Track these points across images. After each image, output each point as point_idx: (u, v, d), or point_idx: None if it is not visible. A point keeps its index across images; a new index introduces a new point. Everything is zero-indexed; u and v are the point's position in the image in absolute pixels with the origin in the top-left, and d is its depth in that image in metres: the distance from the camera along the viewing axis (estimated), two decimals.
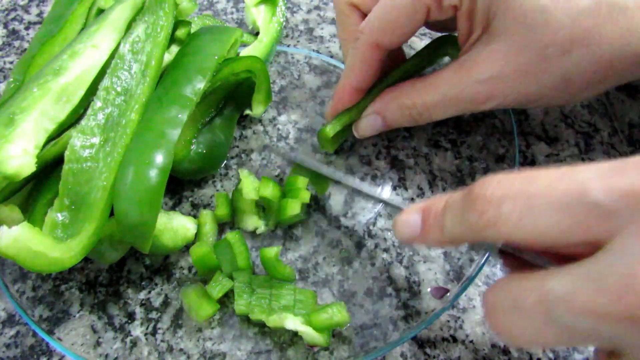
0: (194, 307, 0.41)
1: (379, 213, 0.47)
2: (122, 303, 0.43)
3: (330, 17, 0.62)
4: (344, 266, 0.44)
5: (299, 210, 0.44)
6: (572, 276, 0.23)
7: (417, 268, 0.44)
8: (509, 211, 0.25)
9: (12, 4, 0.66)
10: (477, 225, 0.27)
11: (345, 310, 0.40)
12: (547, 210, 0.24)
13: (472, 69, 0.40)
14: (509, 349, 0.41)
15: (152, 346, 0.41)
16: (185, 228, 0.43)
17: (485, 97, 0.40)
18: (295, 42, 0.60)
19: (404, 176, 0.49)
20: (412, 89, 0.44)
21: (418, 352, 0.41)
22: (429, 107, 0.43)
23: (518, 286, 0.26)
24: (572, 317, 0.23)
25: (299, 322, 0.39)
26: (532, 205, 0.25)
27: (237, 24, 0.61)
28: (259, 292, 0.42)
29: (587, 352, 0.40)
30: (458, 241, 0.30)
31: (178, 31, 0.48)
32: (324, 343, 0.39)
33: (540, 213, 0.24)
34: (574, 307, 0.23)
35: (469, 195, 0.28)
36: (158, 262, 0.45)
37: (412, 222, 0.32)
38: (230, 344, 0.41)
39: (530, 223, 0.25)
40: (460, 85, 0.40)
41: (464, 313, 0.43)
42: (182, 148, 0.46)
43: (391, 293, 0.43)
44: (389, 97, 0.45)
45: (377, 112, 0.46)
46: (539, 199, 0.24)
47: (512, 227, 0.25)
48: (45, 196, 0.40)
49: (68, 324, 0.42)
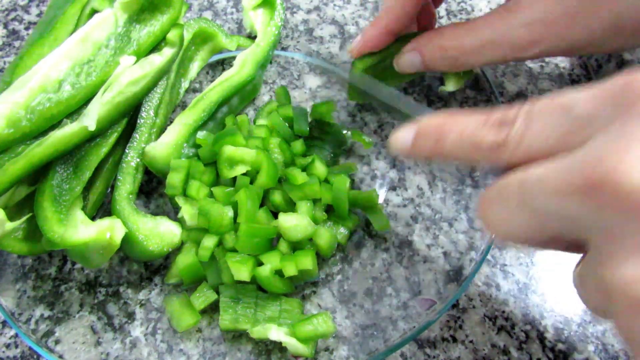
0: (175, 317, 0.41)
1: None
2: (122, 303, 0.43)
3: (330, 17, 0.62)
4: (344, 266, 0.44)
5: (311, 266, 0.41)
6: (549, 163, 0.24)
7: (417, 268, 0.44)
8: (536, 127, 0.26)
9: (12, 4, 0.66)
10: (494, 144, 0.27)
11: (330, 321, 0.39)
12: (547, 119, 0.26)
13: (518, 11, 0.39)
14: (508, 348, 0.41)
15: (152, 346, 0.41)
16: (172, 233, 0.43)
17: (529, 41, 0.39)
18: (295, 42, 0.59)
19: (403, 176, 0.49)
20: (453, 31, 0.43)
21: (418, 352, 0.41)
22: (466, 51, 0.42)
23: (505, 179, 0.27)
24: (544, 197, 0.24)
25: (282, 332, 0.38)
26: (540, 114, 0.26)
27: (237, 24, 0.61)
28: (244, 301, 0.41)
29: (587, 352, 0.40)
30: (454, 159, 0.31)
31: (170, 33, 0.48)
32: (309, 354, 0.39)
33: (541, 122, 0.26)
34: (546, 187, 0.24)
35: (491, 116, 0.28)
36: (158, 262, 0.45)
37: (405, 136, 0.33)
38: (230, 344, 0.41)
39: (537, 131, 0.26)
40: (503, 29, 0.39)
41: (464, 313, 0.43)
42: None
43: (391, 293, 0.43)
44: (430, 36, 0.44)
45: (417, 49, 0.45)
46: (541, 110, 0.27)
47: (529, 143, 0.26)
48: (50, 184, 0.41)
49: (68, 324, 0.42)
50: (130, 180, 0.45)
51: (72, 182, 0.42)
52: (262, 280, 0.39)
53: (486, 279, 0.44)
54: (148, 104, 0.48)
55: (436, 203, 0.47)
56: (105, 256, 0.41)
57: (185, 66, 0.54)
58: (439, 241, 0.45)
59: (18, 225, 0.39)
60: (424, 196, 0.48)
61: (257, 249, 0.40)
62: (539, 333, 0.41)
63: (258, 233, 0.40)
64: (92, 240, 0.39)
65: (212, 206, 0.41)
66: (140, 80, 0.45)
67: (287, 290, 0.41)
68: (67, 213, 0.40)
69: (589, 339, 0.41)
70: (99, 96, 0.42)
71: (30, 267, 0.45)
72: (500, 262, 0.45)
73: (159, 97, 0.49)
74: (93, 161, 0.43)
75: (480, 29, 0.41)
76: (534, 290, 0.43)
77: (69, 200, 0.41)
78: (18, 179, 0.39)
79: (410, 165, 0.50)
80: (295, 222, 0.40)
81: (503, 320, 0.42)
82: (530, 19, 0.39)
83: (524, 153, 0.26)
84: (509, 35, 0.40)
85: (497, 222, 0.28)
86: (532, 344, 0.41)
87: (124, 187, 0.44)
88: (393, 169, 0.50)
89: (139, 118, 0.47)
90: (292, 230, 0.40)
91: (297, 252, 0.41)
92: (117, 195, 0.44)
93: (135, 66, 0.45)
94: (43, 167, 0.41)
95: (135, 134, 0.47)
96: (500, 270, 0.45)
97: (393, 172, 0.49)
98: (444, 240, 0.45)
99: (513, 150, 0.27)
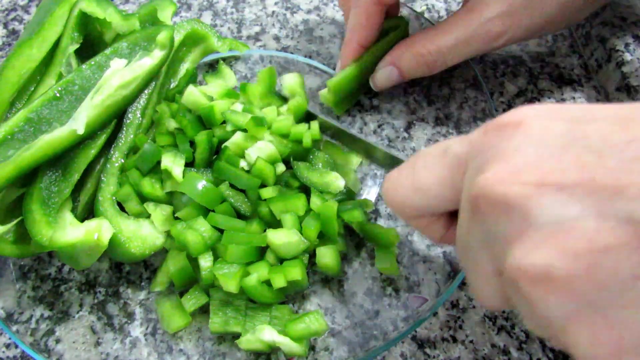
0: (166, 318, 0.41)
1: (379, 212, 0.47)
2: (122, 303, 0.43)
3: (330, 17, 0.62)
4: (344, 266, 0.44)
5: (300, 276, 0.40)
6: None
7: (417, 268, 0.44)
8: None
9: (12, 4, 0.66)
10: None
11: (322, 319, 0.39)
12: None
13: (482, 9, 0.43)
14: (508, 348, 0.41)
15: (151, 346, 0.41)
16: (154, 236, 0.43)
17: (497, 33, 0.44)
18: (295, 42, 0.59)
19: None
20: (425, 37, 0.46)
21: (418, 352, 0.41)
22: (444, 53, 0.45)
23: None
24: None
25: (275, 333, 0.38)
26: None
27: (237, 24, 0.61)
28: (235, 304, 0.40)
29: None
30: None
31: (160, 35, 0.48)
32: (302, 353, 0.39)
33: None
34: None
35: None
36: (158, 262, 0.45)
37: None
38: (230, 344, 0.41)
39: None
40: (472, 26, 0.44)
41: (464, 313, 0.42)
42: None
43: (391, 293, 0.43)
44: (403, 47, 0.47)
45: (392, 63, 0.47)
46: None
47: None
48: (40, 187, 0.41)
49: (68, 324, 0.42)
50: (114, 181, 0.45)
51: (60, 185, 0.42)
52: (249, 290, 0.39)
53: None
54: (135, 105, 0.48)
55: None
56: (92, 257, 0.41)
57: (176, 67, 0.54)
58: None
59: (8, 228, 0.39)
60: None
61: (245, 258, 0.40)
62: None
63: (244, 241, 0.40)
64: (80, 241, 0.39)
65: (185, 235, 0.40)
66: (131, 84, 0.45)
67: (276, 300, 0.41)
68: (56, 215, 0.40)
69: None
70: (88, 100, 0.42)
71: (30, 267, 0.45)
72: None
73: (147, 97, 0.48)
74: (82, 163, 0.43)
75: (451, 29, 0.45)
76: None
77: (58, 203, 0.41)
78: (7, 183, 0.39)
79: None
80: (285, 240, 0.40)
81: (503, 320, 0.42)
82: (495, 13, 0.43)
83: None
84: (479, 31, 0.44)
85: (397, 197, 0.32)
86: (532, 344, 0.41)
87: (108, 188, 0.44)
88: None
89: (125, 118, 0.47)
90: (284, 247, 0.40)
91: (286, 262, 0.41)
92: (100, 196, 0.44)
93: (126, 69, 0.44)
94: (33, 170, 0.40)
95: (120, 134, 0.47)
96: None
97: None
98: None
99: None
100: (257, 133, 0.44)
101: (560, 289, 0.21)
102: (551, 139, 0.23)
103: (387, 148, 0.44)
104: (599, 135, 0.22)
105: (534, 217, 0.22)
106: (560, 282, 0.21)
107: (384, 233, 0.43)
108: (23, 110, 0.41)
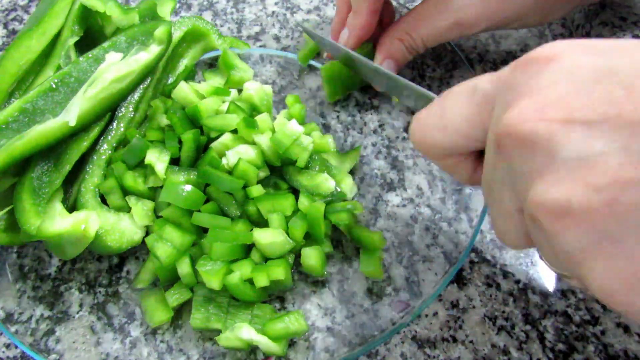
0: (149, 311, 0.41)
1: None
2: (121, 303, 0.43)
3: (330, 17, 0.62)
4: (344, 266, 0.44)
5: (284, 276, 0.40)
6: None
7: (417, 268, 0.44)
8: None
9: (12, 4, 0.66)
10: None
11: (302, 319, 0.39)
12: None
13: None
14: (508, 348, 0.41)
15: (151, 347, 0.41)
16: (132, 231, 0.43)
17: (473, 21, 0.45)
18: (295, 42, 0.59)
19: (403, 176, 0.49)
20: (407, 25, 0.48)
21: (418, 352, 0.41)
22: (424, 39, 0.48)
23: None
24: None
25: (254, 331, 0.38)
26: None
27: (237, 24, 0.61)
28: (217, 300, 0.40)
29: (587, 353, 0.40)
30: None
31: (157, 30, 0.47)
32: (281, 352, 0.39)
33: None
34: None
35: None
36: None
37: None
38: None
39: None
40: (449, 13, 0.45)
41: (464, 313, 0.42)
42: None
43: (391, 293, 0.43)
44: (388, 38, 0.49)
45: (386, 57, 0.49)
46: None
47: None
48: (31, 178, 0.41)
49: (68, 324, 0.42)
50: (99, 173, 0.44)
51: (52, 175, 0.42)
52: (231, 287, 0.39)
53: (486, 279, 0.44)
54: (129, 99, 0.48)
55: (436, 203, 0.47)
56: (79, 248, 0.41)
57: (174, 63, 0.53)
58: (439, 241, 0.45)
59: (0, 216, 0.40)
60: (424, 196, 0.48)
61: (229, 256, 0.40)
62: (539, 333, 0.41)
63: (229, 239, 0.40)
64: (67, 232, 0.39)
65: (156, 249, 0.40)
66: (125, 78, 0.44)
67: (258, 298, 0.41)
68: (46, 205, 0.40)
69: (589, 339, 0.41)
70: (81, 92, 0.42)
71: (30, 267, 0.45)
72: (500, 262, 0.45)
73: (141, 92, 0.48)
74: (74, 155, 0.43)
75: (430, 16, 0.47)
76: (534, 290, 0.43)
77: (49, 193, 0.41)
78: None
79: (410, 165, 0.50)
80: (271, 239, 0.40)
81: (503, 320, 0.42)
82: (470, 1, 0.45)
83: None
84: (455, 18, 0.45)
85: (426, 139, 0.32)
86: (532, 344, 0.41)
87: (92, 179, 0.44)
88: (393, 169, 0.50)
89: (117, 111, 0.47)
90: (269, 247, 0.40)
91: (270, 261, 0.41)
92: (83, 187, 0.44)
93: (121, 63, 0.44)
94: (26, 159, 0.41)
95: (111, 127, 0.46)
96: (500, 270, 0.44)
97: (393, 172, 0.49)
98: (444, 240, 0.45)
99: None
100: (247, 135, 0.44)
101: (580, 222, 0.21)
102: (582, 74, 0.23)
103: (415, 85, 0.42)
104: (631, 70, 0.22)
105: (558, 153, 0.22)
106: (579, 215, 0.21)
107: (369, 237, 0.43)
108: (18, 101, 0.41)
